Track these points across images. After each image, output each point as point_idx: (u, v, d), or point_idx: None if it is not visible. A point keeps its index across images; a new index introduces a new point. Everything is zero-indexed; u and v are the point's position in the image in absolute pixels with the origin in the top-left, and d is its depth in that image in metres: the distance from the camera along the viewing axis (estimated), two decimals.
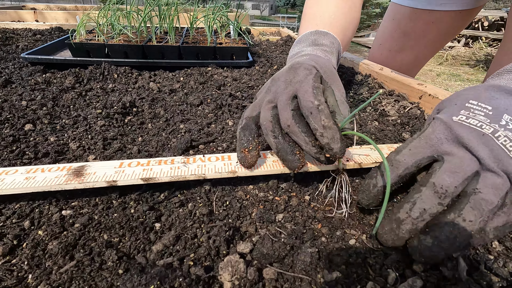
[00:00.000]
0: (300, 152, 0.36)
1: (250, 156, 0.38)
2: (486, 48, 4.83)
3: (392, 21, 1.01)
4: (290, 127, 0.35)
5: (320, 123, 0.33)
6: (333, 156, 0.33)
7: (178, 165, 0.40)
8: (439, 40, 0.98)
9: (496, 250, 0.30)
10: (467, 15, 0.88)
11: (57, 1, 8.28)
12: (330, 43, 0.53)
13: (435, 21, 0.90)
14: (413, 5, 0.92)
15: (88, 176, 0.37)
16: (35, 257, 0.30)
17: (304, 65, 0.41)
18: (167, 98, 0.71)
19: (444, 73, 4.29)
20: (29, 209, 0.36)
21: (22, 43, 1.17)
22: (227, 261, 0.29)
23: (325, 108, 0.34)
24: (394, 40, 1.01)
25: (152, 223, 0.34)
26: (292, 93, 0.37)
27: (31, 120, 0.53)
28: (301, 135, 0.34)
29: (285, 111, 0.36)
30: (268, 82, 0.44)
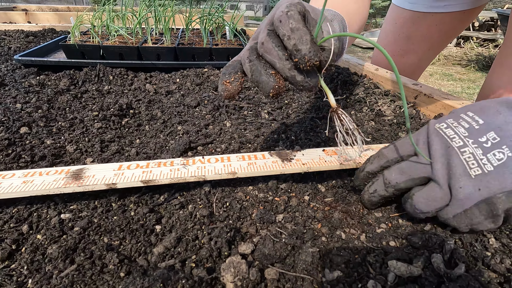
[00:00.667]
0: (275, 73, 0.32)
1: (231, 86, 0.35)
2: (477, 48, 4.90)
3: (394, 24, 1.01)
4: (264, 44, 0.32)
5: (288, 27, 0.29)
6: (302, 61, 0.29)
7: (177, 167, 0.40)
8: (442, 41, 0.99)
9: (493, 247, 0.31)
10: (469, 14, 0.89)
11: (48, 2, 8.18)
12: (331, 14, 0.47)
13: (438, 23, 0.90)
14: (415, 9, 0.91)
15: (87, 179, 0.37)
16: (35, 261, 0.30)
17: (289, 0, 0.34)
18: (164, 100, 0.71)
19: (437, 72, 4.34)
20: (27, 213, 0.35)
21: (15, 44, 1.15)
22: (229, 262, 0.29)
23: (295, 14, 0.30)
24: (397, 44, 1.01)
25: (152, 226, 0.34)
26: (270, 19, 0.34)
27: (27, 123, 0.53)
28: (274, 49, 0.31)
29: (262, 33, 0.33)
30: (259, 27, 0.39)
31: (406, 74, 0.82)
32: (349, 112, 0.65)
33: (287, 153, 0.44)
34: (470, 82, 3.94)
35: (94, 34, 0.90)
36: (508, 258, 0.29)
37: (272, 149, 0.49)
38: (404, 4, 0.93)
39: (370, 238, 0.33)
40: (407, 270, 0.28)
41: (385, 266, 0.29)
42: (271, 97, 0.32)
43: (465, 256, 0.29)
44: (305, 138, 0.53)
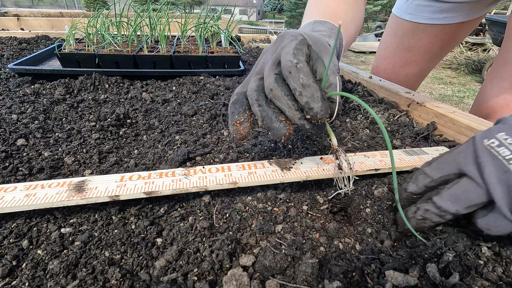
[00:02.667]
0: (285, 119, 0.34)
1: (242, 128, 0.37)
2: (466, 52, 5.02)
3: (394, 36, 1.01)
4: (272, 91, 0.33)
5: (298, 81, 0.31)
6: (314, 118, 0.32)
7: (179, 177, 0.40)
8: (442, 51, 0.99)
9: (485, 256, 0.32)
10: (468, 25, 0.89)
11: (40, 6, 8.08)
12: (329, 29, 0.49)
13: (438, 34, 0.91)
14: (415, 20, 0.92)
15: (90, 192, 0.37)
16: (36, 277, 0.30)
17: (291, 33, 0.38)
18: (160, 109, 0.72)
19: (428, 76, 4.42)
20: (27, 227, 0.35)
21: (7, 52, 1.14)
22: (230, 275, 0.29)
23: (305, 67, 0.31)
24: (398, 55, 1.01)
25: (153, 238, 0.34)
26: (276, 59, 0.35)
27: (24, 135, 0.53)
28: (284, 98, 0.32)
29: (269, 77, 0.34)
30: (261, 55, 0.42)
31: (408, 84, 0.82)
32: (344, 119, 0.66)
33: (286, 161, 0.45)
34: (461, 85, 4.02)
35: (89, 42, 0.90)
36: (499, 267, 0.30)
37: (270, 157, 0.49)
38: (404, 15, 0.94)
39: (367, 247, 0.34)
40: (404, 280, 0.29)
41: (382, 276, 0.30)
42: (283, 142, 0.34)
43: (459, 265, 0.30)
44: (302, 146, 0.54)
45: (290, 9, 11.22)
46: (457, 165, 0.28)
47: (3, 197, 0.35)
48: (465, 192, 0.27)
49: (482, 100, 0.74)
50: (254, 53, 1.40)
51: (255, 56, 1.34)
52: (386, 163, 0.46)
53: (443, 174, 0.29)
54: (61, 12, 2.77)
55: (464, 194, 0.27)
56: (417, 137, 0.57)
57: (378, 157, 0.48)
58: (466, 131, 0.53)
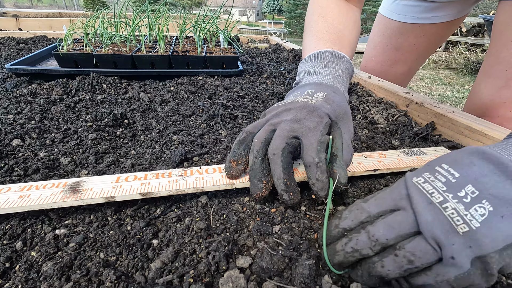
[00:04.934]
0: (266, 184, 0.38)
1: (236, 169, 0.39)
2: (465, 53, 5.02)
3: (382, 35, 1.02)
4: (274, 155, 0.38)
5: (315, 176, 0.37)
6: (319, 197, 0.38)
7: (176, 178, 0.40)
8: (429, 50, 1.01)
9: None
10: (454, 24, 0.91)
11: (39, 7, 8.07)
12: (345, 68, 0.53)
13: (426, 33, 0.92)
14: (403, 20, 0.93)
15: (85, 193, 0.36)
16: (29, 280, 0.29)
17: (319, 111, 0.41)
18: (158, 109, 0.71)
19: (427, 77, 4.43)
20: (21, 229, 0.35)
21: (5, 52, 1.14)
22: (227, 277, 0.29)
23: (323, 165, 0.37)
24: (386, 54, 1.02)
25: (149, 240, 0.34)
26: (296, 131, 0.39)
27: (19, 135, 0.52)
28: (279, 168, 0.37)
29: (281, 141, 0.38)
30: (281, 104, 0.45)
31: (396, 83, 0.83)
32: None
33: None
34: (460, 86, 4.02)
35: (87, 42, 0.90)
36: None
37: None
38: (391, 15, 0.95)
39: None
40: None
41: None
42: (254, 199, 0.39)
43: None
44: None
45: (289, 10, 11.24)
46: (393, 201, 0.30)
47: None
48: (397, 222, 0.28)
49: (476, 99, 0.74)
50: (253, 53, 1.40)
51: (253, 56, 1.33)
52: (385, 163, 0.45)
53: (381, 210, 0.30)
54: (60, 13, 2.76)
55: (396, 223, 0.28)
56: (416, 137, 0.56)
57: (377, 157, 0.47)
58: (465, 131, 0.53)
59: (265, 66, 1.12)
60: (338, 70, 0.52)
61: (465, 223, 0.25)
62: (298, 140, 0.40)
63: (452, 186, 0.27)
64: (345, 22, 0.62)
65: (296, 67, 1.07)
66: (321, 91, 0.46)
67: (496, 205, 0.25)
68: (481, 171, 0.27)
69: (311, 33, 0.62)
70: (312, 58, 0.55)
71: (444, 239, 0.25)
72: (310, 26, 0.64)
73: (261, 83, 0.93)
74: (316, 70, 0.52)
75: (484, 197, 0.25)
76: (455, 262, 0.24)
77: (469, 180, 0.26)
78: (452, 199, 0.26)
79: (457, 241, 0.24)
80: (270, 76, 1.00)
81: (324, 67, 0.52)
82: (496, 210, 0.25)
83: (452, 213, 0.25)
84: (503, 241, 0.24)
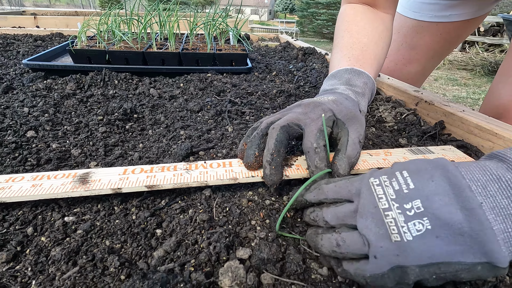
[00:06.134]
0: (258, 156, 0.40)
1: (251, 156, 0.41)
2: (483, 53, 4.88)
3: (397, 34, 0.99)
4: (273, 129, 0.40)
5: (313, 163, 0.38)
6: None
7: (180, 171, 0.41)
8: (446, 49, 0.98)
9: None
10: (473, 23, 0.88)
11: (57, 6, 8.31)
12: (363, 83, 0.54)
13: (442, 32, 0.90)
14: (419, 18, 0.91)
15: (94, 184, 0.38)
16: (39, 263, 0.31)
17: (323, 106, 0.44)
18: (167, 104, 0.72)
19: (442, 77, 4.32)
20: (32, 215, 0.36)
21: (23, 49, 1.18)
22: (227, 267, 0.29)
23: (321, 151, 0.38)
24: (400, 53, 1.00)
25: (153, 229, 0.35)
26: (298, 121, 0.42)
27: (33, 127, 0.54)
28: (272, 140, 0.39)
29: (282, 121, 0.41)
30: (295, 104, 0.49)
31: (410, 82, 0.81)
32: None
33: (287, 158, 0.44)
34: (476, 87, 3.91)
35: (100, 39, 0.92)
36: None
37: None
38: (407, 13, 0.93)
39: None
40: None
41: None
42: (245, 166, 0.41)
43: None
44: None
45: (302, 9, 11.16)
46: (348, 192, 0.32)
47: (11, 186, 0.37)
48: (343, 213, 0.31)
49: (494, 100, 0.72)
50: (263, 51, 1.40)
51: (263, 55, 1.34)
52: (390, 161, 0.45)
53: (337, 197, 0.33)
54: (76, 11, 2.84)
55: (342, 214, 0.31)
56: (423, 136, 0.56)
57: (382, 155, 0.47)
58: (475, 130, 0.52)
59: (274, 64, 1.12)
60: (355, 86, 0.53)
61: (398, 234, 0.26)
62: (301, 130, 0.42)
63: (402, 197, 0.27)
64: (370, 34, 0.61)
65: (305, 65, 1.06)
66: (332, 95, 0.49)
67: (435, 226, 0.25)
68: (436, 190, 0.26)
69: (336, 49, 0.63)
70: (332, 76, 0.57)
71: (374, 240, 0.27)
72: (336, 41, 0.65)
73: (269, 81, 0.94)
74: (334, 87, 0.54)
75: (426, 215, 0.25)
76: (376, 262, 0.26)
77: (420, 196, 0.27)
78: (396, 209, 0.27)
79: (386, 245, 0.26)
80: (279, 74, 1.00)
81: (341, 84, 0.54)
82: (433, 230, 0.25)
83: (390, 221, 0.27)
84: (428, 258, 0.24)
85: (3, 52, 1.14)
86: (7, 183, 0.37)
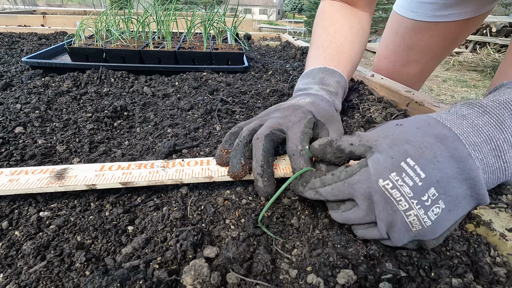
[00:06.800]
0: (244, 165, 0.39)
1: (226, 157, 0.41)
2: (494, 54, 4.76)
3: (395, 34, 0.98)
4: (258, 140, 0.39)
5: (299, 165, 0.38)
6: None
7: (157, 169, 0.41)
8: (446, 50, 0.96)
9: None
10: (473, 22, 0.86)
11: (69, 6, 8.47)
12: (336, 82, 0.55)
13: (441, 32, 0.88)
14: (417, 18, 0.89)
15: (69, 180, 0.38)
16: (8, 257, 0.31)
17: (302, 108, 0.45)
18: (159, 103, 0.73)
19: (451, 78, 4.24)
20: (9, 210, 0.37)
21: (27, 47, 1.21)
22: (191, 265, 0.29)
23: (306, 154, 0.39)
24: (399, 54, 0.99)
25: (125, 226, 0.35)
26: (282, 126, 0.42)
27: (22, 123, 0.55)
28: (259, 151, 0.38)
29: (264, 129, 0.41)
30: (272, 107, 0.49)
31: (408, 84, 0.79)
32: (341, 118, 0.64)
33: None
34: (485, 88, 3.82)
35: (98, 37, 0.93)
36: None
37: None
38: (405, 13, 0.91)
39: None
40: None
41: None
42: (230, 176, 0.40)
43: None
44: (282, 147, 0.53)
45: (310, 8, 11.10)
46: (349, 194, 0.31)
47: None
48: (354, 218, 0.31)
49: None
50: (263, 51, 1.40)
51: (263, 54, 1.33)
52: None
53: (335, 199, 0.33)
54: (85, 11, 2.88)
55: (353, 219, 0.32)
56: None
57: None
58: None
59: (272, 64, 1.12)
60: (328, 85, 0.55)
61: (420, 224, 0.28)
62: (283, 135, 0.41)
63: (418, 191, 0.28)
64: (347, 33, 0.62)
65: (302, 64, 1.06)
66: (308, 97, 0.50)
67: (447, 202, 0.28)
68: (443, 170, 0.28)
69: (313, 47, 0.64)
70: (306, 75, 0.58)
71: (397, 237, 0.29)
72: (313, 39, 0.66)
73: (265, 80, 0.93)
74: (308, 87, 0.55)
75: (440, 198, 0.27)
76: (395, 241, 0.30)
77: (433, 183, 0.27)
78: (416, 205, 0.27)
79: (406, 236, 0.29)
80: (275, 73, 0.99)
81: (315, 84, 0.55)
82: (446, 207, 0.28)
83: (413, 219, 0.28)
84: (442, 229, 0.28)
85: (8, 50, 1.17)
86: None
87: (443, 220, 0.28)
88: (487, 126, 0.29)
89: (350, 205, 0.32)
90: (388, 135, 0.31)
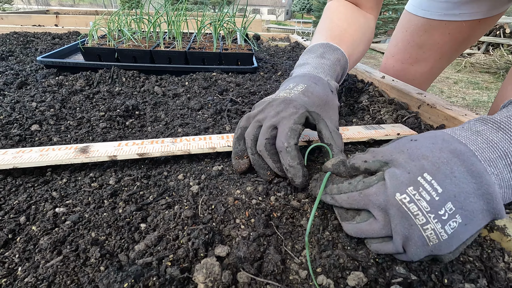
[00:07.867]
0: (271, 171, 0.43)
1: (242, 162, 0.45)
2: (508, 56, 4.66)
3: (405, 32, 0.97)
4: (261, 152, 0.42)
5: (286, 162, 0.40)
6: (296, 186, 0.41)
7: (167, 143, 0.47)
8: (456, 50, 0.94)
9: None
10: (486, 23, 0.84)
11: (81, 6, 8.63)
12: (336, 59, 0.55)
13: (451, 32, 0.87)
14: (428, 16, 0.88)
15: (93, 153, 0.43)
16: (26, 251, 0.32)
17: (294, 103, 0.45)
18: (169, 102, 0.74)
19: (462, 80, 4.17)
20: (27, 205, 0.38)
21: (41, 46, 1.23)
22: (203, 263, 0.30)
23: (292, 150, 0.39)
24: (408, 52, 0.98)
25: (138, 224, 0.36)
26: (274, 123, 0.43)
27: (38, 121, 0.57)
28: (268, 159, 0.42)
29: (262, 138, 0.42)
30: (266, 100, 0.49)
31: (416, 83, 0.79)
32: (351, 119, 0.64)
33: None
34: (498, 91, 3.74)
35: (110, 37, 0.95)
36: None
37: None
38: (416, 11, 0.90)
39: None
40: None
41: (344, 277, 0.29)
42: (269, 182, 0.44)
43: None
44: None
45: (319, 9, 11.05)
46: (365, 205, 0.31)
47: (22, 156, 0.42)
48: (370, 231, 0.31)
49: (502, 102, 0.69)
50: (272, 51, 1.40)
51: (272, 54, 1.34)
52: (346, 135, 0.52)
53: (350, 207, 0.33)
54: (96, 11, 2.93)
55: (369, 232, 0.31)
56: None
57: (339, 130, 0.52)
58: None
59: (281, 64, 1.12)
60: (327, 59, 0.54)
61: (437, 238, 0.28)
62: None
63: (435, 206, 0.28)
64: (351, 22, 0.63)
65: None
66: (301, 83, 0.49)
67: (464, 216, 0.28)
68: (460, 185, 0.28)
69: (316, 33, 0.65)
70: (308, 51, 0.58)
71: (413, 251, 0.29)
72: (317, 29, 0.67)
73: (274, 81, 0.94)
74: (307, 61, 0.55)
75: (458, 212, 0.28)
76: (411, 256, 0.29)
77: (450, 197, 0.28)
78: (433, 219, 0.28)
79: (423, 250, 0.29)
80: (284, 74, 0.99)
81: (314, 58, 0.55)
82: (463, 221, 0.28)
83: (430, 233, 0.28)
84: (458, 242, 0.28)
85: (23, 49, 1.19)
86: (18, 154, 0.43)
87: (460, 234, 0.28)
88: (502, 142, 0.29)
89: (366, 217, 0.32)
90: (404, 151, 0.32)
